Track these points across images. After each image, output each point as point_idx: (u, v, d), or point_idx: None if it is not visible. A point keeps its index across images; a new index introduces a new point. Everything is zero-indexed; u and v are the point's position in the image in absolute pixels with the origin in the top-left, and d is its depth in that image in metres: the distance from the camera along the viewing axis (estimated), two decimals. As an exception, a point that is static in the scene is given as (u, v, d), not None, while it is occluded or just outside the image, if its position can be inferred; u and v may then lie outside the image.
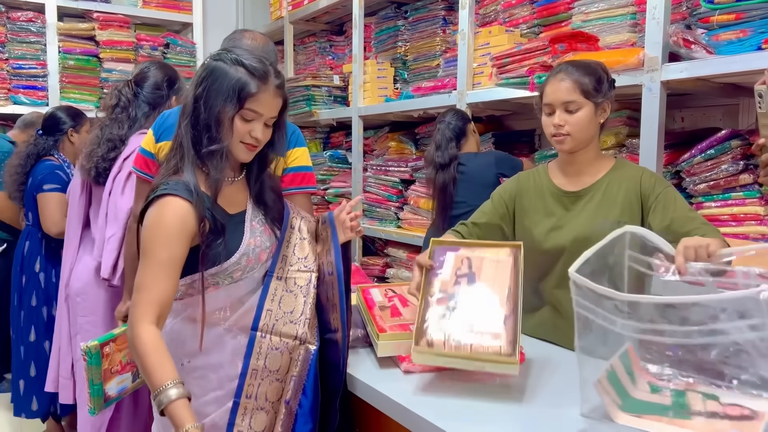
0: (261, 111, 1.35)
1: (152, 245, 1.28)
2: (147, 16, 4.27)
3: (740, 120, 2.29)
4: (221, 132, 1.33)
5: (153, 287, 1.26)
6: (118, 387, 1.86)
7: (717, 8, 1.84)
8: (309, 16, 4.07)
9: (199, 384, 1.38)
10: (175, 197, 1.29)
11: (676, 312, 0.98)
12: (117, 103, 2.24)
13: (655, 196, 1.56)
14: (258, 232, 1.42)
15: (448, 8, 3.23)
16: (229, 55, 1.36)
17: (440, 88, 2.96)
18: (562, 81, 1.58)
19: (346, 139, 4.11)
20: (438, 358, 1.30)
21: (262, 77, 1.33)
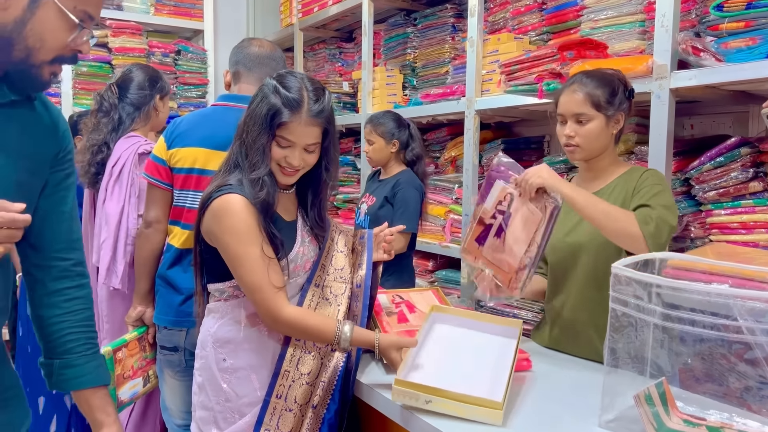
0: (293, 139, 1.38)
1: (243, 247, 1.35)
2: (159, 23, 4.31)
3: (750, 127, 2.28)
4: (261, 158, 1.39)
5: (268, 283, 1.34)
6: (131, 392, 1.90)
7: (726, 16, 1.84)
8: (319, 23, 4.10)
9: (242, 384, 1.42)
10: (233, 195, 1.36)
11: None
12: (99, 108, 2.29)
13: (641, 186, 1.58)
14: (306, 242, 1.49)
15: (457, 15, 3.24)
16: (272, 80, 1.41)
17: (449, 95, 2.96)
18: (575, 93, 1.60)
19: (355, 145, 4.12)
20: (420, 396, 1.24)
21: (294, 107, 1.36)
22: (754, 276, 1.61)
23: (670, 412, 1.11)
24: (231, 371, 1.43)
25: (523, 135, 3.21)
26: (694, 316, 0.95)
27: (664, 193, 1.57)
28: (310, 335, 1.37)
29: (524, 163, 2.94)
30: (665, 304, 0.99)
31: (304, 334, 1.37)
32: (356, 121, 3.61)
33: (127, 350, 1.90)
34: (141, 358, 1.99)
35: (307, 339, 1.39)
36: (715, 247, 1.99)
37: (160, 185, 1.90)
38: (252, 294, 1.35)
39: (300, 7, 4.18)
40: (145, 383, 2.01)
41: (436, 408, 1.23)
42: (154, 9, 4.29)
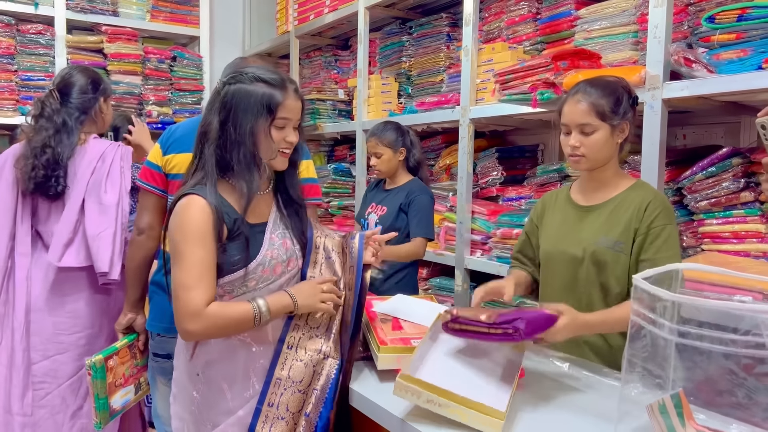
0: (290, 116, 1.43)
1: (186, 246, 1.33)
2: (155, 30, 4.32)
3: (742, 138, 2.30)
4: (259, 147, 1.40)
5: (199, 284, 1.32)
6: (122, 400, 1.90)
7: (718, 28, 1.86)
8: (315, 30, 4.12)
9: (213, 394, 1.41)
10: (198, 197, 1.36)
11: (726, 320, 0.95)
12: (41, 113, 2.19)
13: (648, 227, 1.55)
14: (276, 245, 1.46)
15: (452, 24, 3.26)
16: (245, 75, 1.42)
17: (444, 103, 2.98)
18: (579, 103, 1.57)
19: (350, 152, 4.14)
20: (423, 393, 1.21)
21: (281, 86, 1.42)
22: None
23: (686, 424, 1.09)
24: (204, 381, 1.42)
25: (517, 143, 3.23)
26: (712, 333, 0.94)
27: (671, 239, 1.54)
28: (233, 324, 1.35)
29: (518, 171, 2.96)
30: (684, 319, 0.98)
31: (226, 325, 1.35)
32: (351, 128, 3.62)
33: (118, 358, 1.89)
34: (132, 366, 1.97)
35: (231, 331, 1.37)
36: (707, 257, 2.01)
37: (155, 191, 1.89)
38: (178, 291, 1.32)
39: (296, 15, 4.20)
40: (137, 391, 2.00)
41: (435, 408, 1.20)
42: (150, 15, 4.30)
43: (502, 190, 2.92)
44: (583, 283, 1.63)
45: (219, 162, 1.41)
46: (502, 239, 2.64)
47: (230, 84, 1.42)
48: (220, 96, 1.42)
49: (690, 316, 0.96)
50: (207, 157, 1.41)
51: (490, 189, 2.96)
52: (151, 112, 4.14)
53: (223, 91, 1.42)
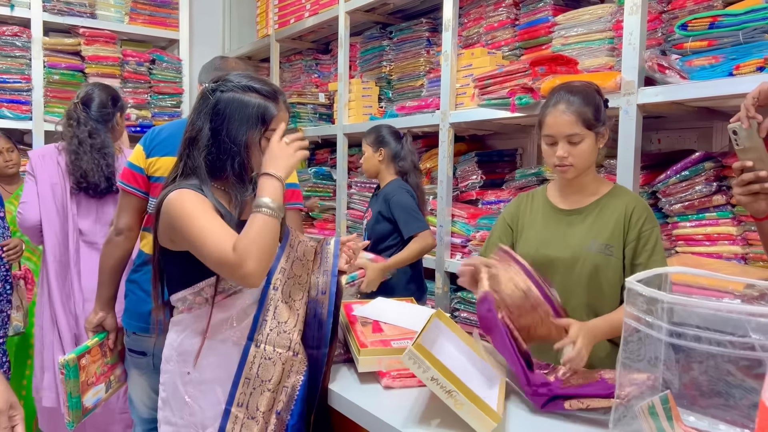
0: (283, 126, 1.43)
1: (192, 222, 1.30)
2: (133, 32, 4.29)
3: (714, 142, 2.35)
4: (251, 157, 1.41)
5: (219, 236, 1.27)
6: (94, 398, 1.93)
7: (690, 35, 1.91)
8: (295, 34, 4.12)
9: (206, 397, 1.40)
10: (189, 189, 1.36)
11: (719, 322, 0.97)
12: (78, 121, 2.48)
13: (638, 232, 1.59)
14: None
15: (432, 30, 3.29)
16: (238, 83, 1.42)
17: (424, 107, 3.00)
18: (564, 114, 1.57)
19: (330, 156, 4.14)
20: (429, 368, 1.19)
21: (274, 98, 1.43)
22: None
23: (674, 426, 1.10)
24: (195, 384, 1.41)
25: (496, 148, 3.27)
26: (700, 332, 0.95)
27: (659, 242, 1.59)
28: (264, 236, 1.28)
29: (497, 175, 3.00)
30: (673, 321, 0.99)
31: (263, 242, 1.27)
32: (332, 132, 3.63)
33: (90, 356, 1.91)
34: (103, 364, 2.00)
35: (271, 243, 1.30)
36: (681, 259, 2.05)
37: (136, 193, 1.91)
38: (216, 256, 1.27)
39: (276, 19, 4.20)
40: (108, 388, 2.01)
41: (435, 388, 1.19)
42: (129, 18, 4.27)
43: (481, 194, 2.95)
44: (574, 287, 1.63)
45: (210, 169, 1.41)
46: (481, 242, 2.66)
47: (222, 91, 1.42)
48: (211, 102, 1.41)
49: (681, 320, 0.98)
50: (197, 163, 1.40)
51: (469, 192, 2.99)
52: (129, 116, 4.10)
53: (214, 97, 1.41)
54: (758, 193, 1.27)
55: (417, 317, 1.66)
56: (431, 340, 1.38)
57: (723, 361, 0.96)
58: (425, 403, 1.35)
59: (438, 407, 1.32)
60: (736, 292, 1.68)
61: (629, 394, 1.10)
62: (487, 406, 1.18)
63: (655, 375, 1.06)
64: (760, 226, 1.36)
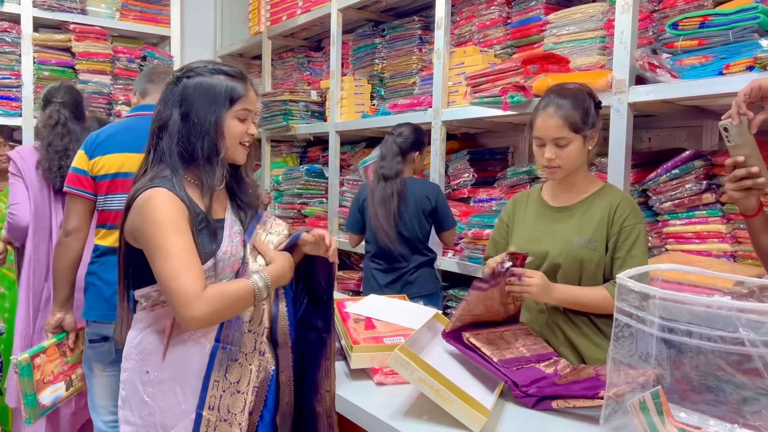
0: (251, 108, 1.43)
1: (164, 236, 1.27)
2: (124, 29, 4.26)
3: (704, 141, 2.37)
4: (219, 138, 1.38)
5: (188, 270, 1.25)
6: (52, 396, 1.98)
7: (681, 34, 1.92)
8: (287, 31, 4.11)
9: (165, 397, 1.36)
10: (162, 188, 1.32)
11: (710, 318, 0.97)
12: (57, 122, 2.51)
13: (620, 227, 1.61)
14: (235, 242, 1.43)
15: (424, 28, 3.29)
16: (204, 67, 1.41)
17: (416, 105, 3.01)
18: (551, 117, 1.60)
19: (322, 153, 4.14)
20: (416, 369, 1.22)
21: (242, 78, 1.43)
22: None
23: (665, 421, 1.11)
24: (154, 384, 1.37)
25: (488, 146, 3.28)
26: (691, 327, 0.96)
27: (640, 237, 1.61)
28: (235, 302, 1.28)
29: (489, 173, 3.00)
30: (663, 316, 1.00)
31: (229, 304, 1.27)
32: (324, 130, 3.63)
33: (46, 356, 1.97)
34: (62, 363, 2.05)
35: (234, 310, 1.30)
36: (671, 256, 2.07)
37: (83, 195, 1.99)
38: (169, 282, 1.25)
39: (268, 16, 4.19)
40: (68, 387, 2.07)
41: (424, 389, 1.20)
42: (120, 14, 4.24)
43: (473, 192, 2.96)
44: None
45: (182, 156, 1.38)
46: (473, 240, 2.67)
47: (188, 77, 1.40)
48: (178, 89, 1.40)
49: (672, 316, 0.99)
50: (166, 151, 1.38)
51: (461, 190, 3.00)
52: (120, 112, 4.08)
53: (180, 84, 1.40)
54: (750, 189, 1.28)
55: (409, 314, 1.67)
56: (426, 341, 1.39)
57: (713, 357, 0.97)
58: (418, 400, 1.36)
59: (430, 403, 1.33)
60: (726, 290, 1.70)
61: (620, 391, 1.11)
62: (476, 402, 1.19)
63: (646, 371, 1.07)
64: (749, 223, 1.37)
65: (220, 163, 1.40)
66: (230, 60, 4.82)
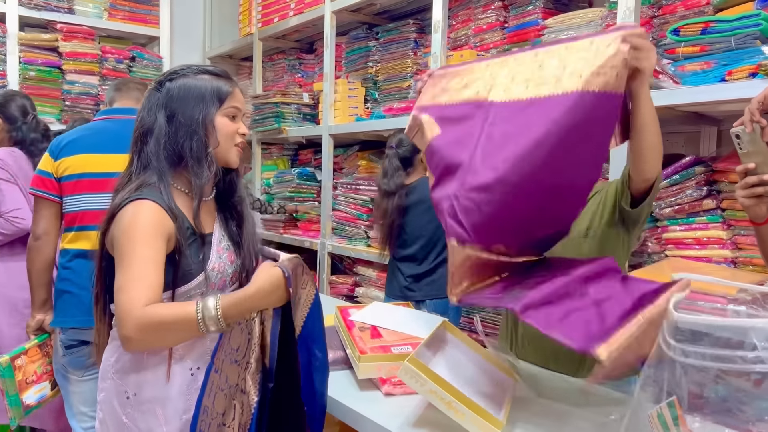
0: (240, 106, 1.42)
1: (130, 246, 1.22)
2: (112, 29, 4.20)
3: (701, 147, 2.38)
4: (210, 135, 1.35)
5: (138, 283, 1.18)
6: (36, 396, 2.04)
7: (682, 40, 1.92)
8: (279, 33, 4.08)
9: (146, 418, 1.31)
10: (148, 200, 1.28)
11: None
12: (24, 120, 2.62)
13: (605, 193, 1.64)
14: (223, 258, 1.40)
15: (419, 31, 3.27)
16: (188, 69, 1.40)
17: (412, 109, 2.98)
18: None
19: (314, 156, 4.11)
20: (426, 381, 1.17)
21: (227, 77, 1.42)
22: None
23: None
24: (134, 405, 1.31)
25: (483, 150, 3.26)
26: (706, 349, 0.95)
27: None
28: (171, 326, 1.17)
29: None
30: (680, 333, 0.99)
31: (162, 327, 1.16)
32: (317, 132, 3.59)
33: (27, 357, 2.02)
34: (45, 363, 2.10)
35: (172, 336, 1.20)
36: (671, 263, 2.07)
37: (49, 197, 2.03)
38: (116, 294, 1.19)
39: (260, 17, 4.15)
40: (53, 386, 2.12)
41: (435, 401, 1.17)
42: (108, 14, 4.18)
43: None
44: None
45: (171, 160, 1.34)
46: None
47: (170, 80, 1.37)
48: (161, 93, 1.36)
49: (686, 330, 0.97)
50: (153, 156, 1.33)
51: (457, 194, 2.98)
52: (108, 114, 4.02)
53: (163, 88, 1.37)
54: (761, 197, 1.28)
55: (415, 322, 1.64)
56: (435, 350, 1.37)
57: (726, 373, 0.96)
58: (427, 410, 1.33)
59: (440, 414, 1.30)
60: (730, 297, 1.70)
61: None
62: (488, 414, 1.17)
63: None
64: (758, 231, 1.37)
65: (210, 164, 1.35)
66: (220, 61, 4.77)
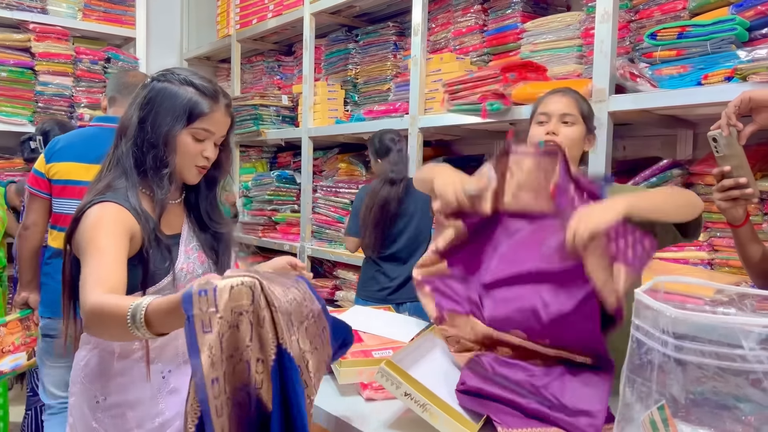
0: (213, 130, 1.33)
1: (92, 240, 1.18)
2: (87, 29, 4.13)
3: (678, 150, 2.40)
4: (168, 152, 1.29)
5: (97, 271, 1.12)
6: (12, 364, 2.29)
7: (659, 44, 1.94)
8: (257, 35, 4.05)
9: (116, 423, 1.28)
10: (111, 203, 1.25)
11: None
12: None
13: None
14: (192, 258, 1.37)
15: (398, 33, 3.27)
16: (177, 75, 1.33)
17: (392, 111, 2.98)
18: (564, 95, 1.58)
19: (293, 159, 4.08)
20: (401, 383, 1.17)
21: (213, 96, 1.32)
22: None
23: None
24: (104, 409, 1.28)
25: (463, 153, 3.27)
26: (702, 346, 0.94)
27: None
28: (107, 317, 1.04)
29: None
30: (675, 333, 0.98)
31: (102, 317, 1.05)
32: (296, 135, 3.57)
33: (6, 329, 2.28)
34: (24, 336, 2.34)
35: (108, 329, 1.07)
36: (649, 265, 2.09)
37: (40, 194, 2.25)
38: (81, 286, 1.11)
39: (238, 19, 4.11)
40: (30, 357, 2.35)
41: (410, 403, 1.16)
42: (82, 14, 4.11)
43: (449, 199, 2.94)
44: None
45: (137, 163, 1.31)
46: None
47: (159, 81, 1.33)
48: (145, 91, 1.33)
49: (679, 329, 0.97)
50: (124, 154, 1.31)
51: (437, 197, 2.98)
52: (83, 115, 3.95)
53: (149, 86, 1.33)
54: (737, 199, 1.29)
55: (397, 326, 1.63)
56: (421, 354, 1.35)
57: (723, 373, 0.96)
58: (407, 415, 1.32)
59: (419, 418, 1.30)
60: (706, 298, 1.71)
61: None
62: (462, 418, 1.16)
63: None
64: (736, 233, 1.38)
65: (168, 179, 1.30)
66: (197, 63, 4.72)
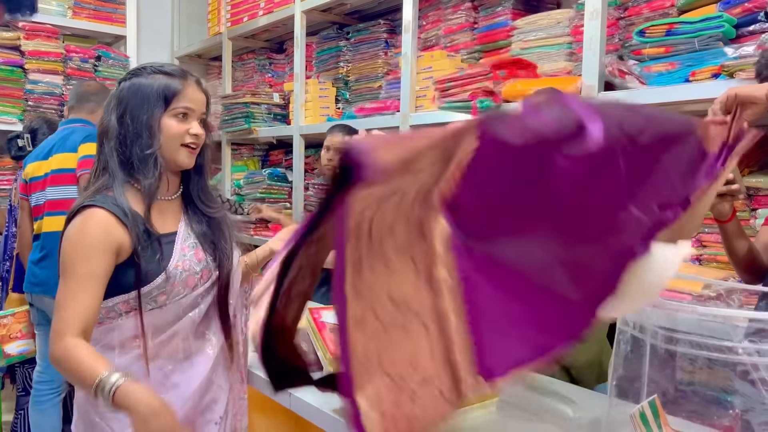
0: (192, 106, 1.36)
1: (72, 260, 1.24)
2: (77, 27, 4.11)
3: (667, 146, 2.42)
4: (153, 137, 1.32)
5: (73, 304, 1.21)
6: (18, 349, 2.51)
7: (648, 41, 1.95)
8: (248, 33, 4.03)
9: (118, 418, 1.28)
10: (99, 209, 1.27)
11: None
12: None
13: None
14: (188, 256, 1.38)
15: (390, 31, 3.27)
16: (143, 69, 1.38)
17: (384, 109, 2.99)
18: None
19: (285, 157, 4.07)
20: None
21: (181, 76, 1.37)
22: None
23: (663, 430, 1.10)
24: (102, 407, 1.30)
25: (455, 150, 3.27)
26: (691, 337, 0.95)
27: None
28: (73, 377, 1.18)
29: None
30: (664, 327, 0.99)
31: (69, 369, 1.17)
32: (288, 133, 3.57)
33: (14, 318, 2.51)
34: (30, 324, 2.54)
35: (68, 375, 1.20)
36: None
37: (22, 197, 2.62)
38: (55, 310, 1.22)
39: (229, 17, 4.10)
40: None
41: None
42: (72, 12, 4.09)
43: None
44: None
45: (121, 160, 1.33)
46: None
47: (126, 80, 1.37)
48: (117, 93, 1.36)
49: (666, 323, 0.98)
50: (108, 157, 1.33)
51: (428, 195, 2.99)
52: (73, 114, 3.93)
53: (119, 87, 1.37)
54: (724, 195, 1.31)
55: None
56: None
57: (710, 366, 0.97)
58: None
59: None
60: (694, 293, 1.73)
61: None
62: None
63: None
64: (723, 229, 1.40)
65: (157, 167, 1.33)
66: (188, 61, 4.70)
